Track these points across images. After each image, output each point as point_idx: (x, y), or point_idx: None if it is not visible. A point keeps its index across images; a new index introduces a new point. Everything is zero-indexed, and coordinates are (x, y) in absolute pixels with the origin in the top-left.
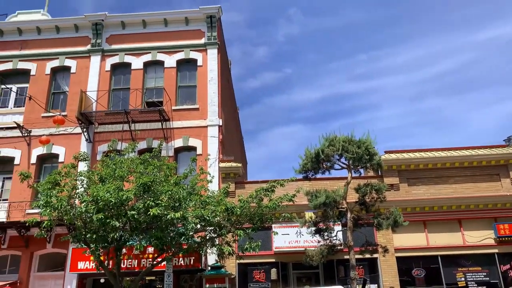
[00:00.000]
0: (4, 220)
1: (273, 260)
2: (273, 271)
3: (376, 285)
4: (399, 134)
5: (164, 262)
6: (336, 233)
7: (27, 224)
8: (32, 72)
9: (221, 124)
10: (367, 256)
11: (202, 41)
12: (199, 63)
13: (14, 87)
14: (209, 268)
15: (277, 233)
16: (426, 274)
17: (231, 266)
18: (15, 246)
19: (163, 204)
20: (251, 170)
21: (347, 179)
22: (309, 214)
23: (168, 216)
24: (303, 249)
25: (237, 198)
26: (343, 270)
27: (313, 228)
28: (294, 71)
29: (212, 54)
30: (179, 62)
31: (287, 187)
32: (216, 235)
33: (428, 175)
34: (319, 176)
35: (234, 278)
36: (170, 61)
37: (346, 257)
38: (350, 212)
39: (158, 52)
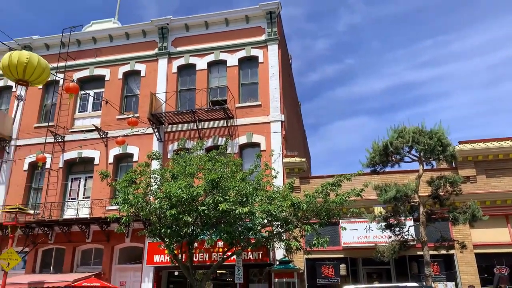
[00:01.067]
0: (88, 216)
1: (342, 255)
2: (342, 266)
3: (453, 282)
4: (471, 123)
5: (234, 256)
6: (408, 228)
7: (108, 220)
8: (107, 78)
9: (283, 119)
10: (443, 252)
11: (263, 37)
12: (260, 59)
13: (92, 93)
14: (278, 262)
15: (345, 229)
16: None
17: (299, 261)
18: (98, 240)
19: (231, 200)
20: (313, 165)
21: (418, 172)
22: (378, 209)
23: (237, 211)
24: (373, 244)
25: (303, 193)
26: (416, 266)
27: (383, 223)
28: (356, 61)
29: (273, 50)
30: (241, 60)
31: (354, 182)
32: (283, 230)
33: (509, 166)
34: (387, 169)
35: (302, 273)
36: (232, 59)
37: (419, 253)
38: (422, 206)
39: (220, 51)
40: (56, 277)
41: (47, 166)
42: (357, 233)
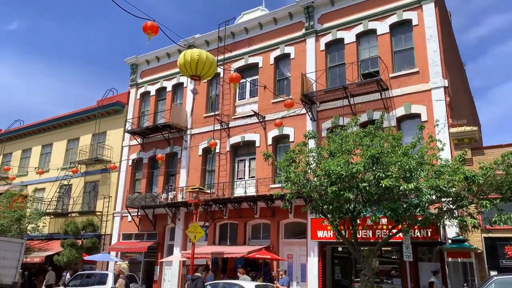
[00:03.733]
0: (254, 194)
1: None
2: None
3: None
4: None
5: (400, 234)
6: None
7: (273, 197)
8: (260, 65)
9: (446, 85)
10: None
11: None
12: (414, 22)
13: (248, 80)
14: (450, 241)
15: None
16: None
17: (475, 240)
18: (265, 216)
19: (393, 176)
20: (484, 133)
21: None
22: None
23: (401, 188)
24: None
25: (477, 166)
26: None
27: None
28: None
29: (429, 9)
30: (392, 26)
31: None
32: (454, 206)
33: None
34: None
35: (481, 253)
36: (383, 27)
37: None
38: None
39: (369, 21)
40: (232, 248)
41: (217, 150)
42: None
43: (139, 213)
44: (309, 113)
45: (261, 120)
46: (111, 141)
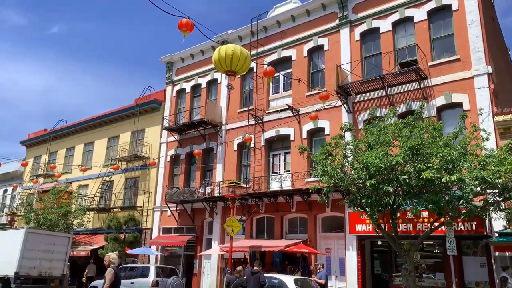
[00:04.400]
0: (290, 188)
1: None
2: None
3: None
4: None
5: (442, 227)
6: None
7: (310, 191)
8: (293, 58)
9: (490, 71)
10: None
11: None
12: (454, 7)
13: (282, 74)
14: (497, 234)
15: None
16: None
17: None
18: (301, 210)
19: (435, 167)
20: None
21: None
22: None
23: (443, 179)
24: None
25: None
26: None
27: None
28: None
29: None
30: (430, 13)
31: None
32: (501, 198)
33: None
34: None
35: None
36: (420, 14)
37: None
38: None
39: (405, 8)
40: (269, 242)
41: (252, 145)
42: None
43: (178, 208)
44: (345, 105)
45: (296, 113)
46: (150, 138)
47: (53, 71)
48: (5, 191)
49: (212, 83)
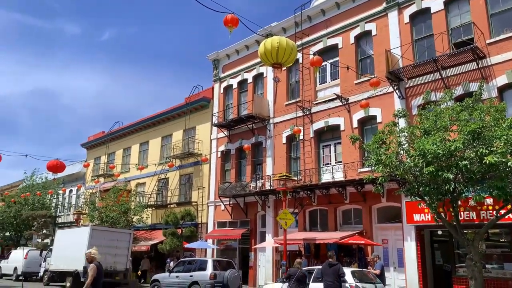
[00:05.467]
0: (342, 179)
1: None
2: None
3: None
4: None
5: (510, 215)
6: None
7: (364, 181)
8: (339, 46)
9: None
10: None
11: None
12: None
13: (329, 63)
14: None
15: None
16: None
17: None
18: (355, 201)
19: (499, 151)
20: None
21: None
22: None
23: (509, 164)
24: None
25: None
26: None
27: None
28: None
29: None
30: None
31: None
32: None
33: None
34: None
35: None
36: None
37: None
38: None
39: None
40: (324, 234)
41: (301, 137)
42: None
43: (231, 202)
44: (397, 91)
45: (345, 102)
46: (200, 135)
47: (106, 76)
48: (70, 191)
49: (258, 78)
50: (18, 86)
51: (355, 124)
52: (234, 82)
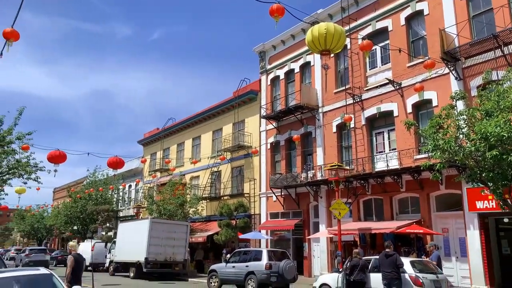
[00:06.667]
0: (398, 166)
1: None
2: None
3: None
4: None
5: None
6: None
7: (421, 168)
8: (389, 28)
9: None
10: None
11: None
12: None
13: (380, 46)
14: None
15: None
16: None
17: None
18: (412, 189)
19: None
20: None
21: None
22: None
23: None
24: None
25: None
26: None
27: None
28: None
29: None
30: None
31: None
32: None
33: None
34: None
35: None
36: None
37: None
38: None
39: None
40: (379, 224)
41: (352, 125)
42: None
43: (282, 193)
44: (453, 72)
45: (397, 87)
46: (250, 127)
47: (157, 74)
48: (130, 186)
49: (305, 67)
50: (78, 89)
51: (409, 109)
52: (281, 73)
